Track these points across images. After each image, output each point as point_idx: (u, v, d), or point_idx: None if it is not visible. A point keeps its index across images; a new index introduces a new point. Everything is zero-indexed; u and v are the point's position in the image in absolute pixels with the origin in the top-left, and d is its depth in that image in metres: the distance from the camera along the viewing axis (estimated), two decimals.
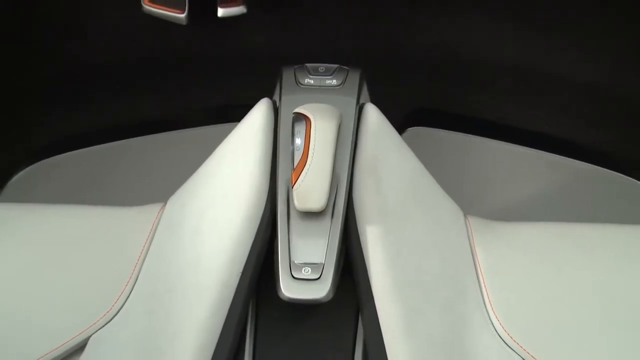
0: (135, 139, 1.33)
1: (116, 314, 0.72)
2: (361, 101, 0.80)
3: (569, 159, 1.28)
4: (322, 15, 1.29)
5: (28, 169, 1.31)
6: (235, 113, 0.87)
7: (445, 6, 1.28)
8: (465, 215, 0.80)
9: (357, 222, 0.71)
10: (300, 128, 0.72)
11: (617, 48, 1.25)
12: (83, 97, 1.35)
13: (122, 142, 1.33)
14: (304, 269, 0.68)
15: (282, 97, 0.80)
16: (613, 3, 1.22)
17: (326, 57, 0.88)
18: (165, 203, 0.80)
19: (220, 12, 1.09)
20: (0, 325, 0.71)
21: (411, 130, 1.30)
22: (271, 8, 1.29)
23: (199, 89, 1.35)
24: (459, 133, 1.31)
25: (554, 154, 1.29)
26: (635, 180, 1.25)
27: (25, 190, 1.29)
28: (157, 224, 0.78)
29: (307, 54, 1.21)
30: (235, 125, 0.80)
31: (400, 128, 1.28)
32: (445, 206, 0.79)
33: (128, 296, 0.73)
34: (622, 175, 1.26)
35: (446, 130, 1.32)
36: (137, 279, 0.74)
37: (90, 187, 1.28)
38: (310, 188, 0.69)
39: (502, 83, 1.31)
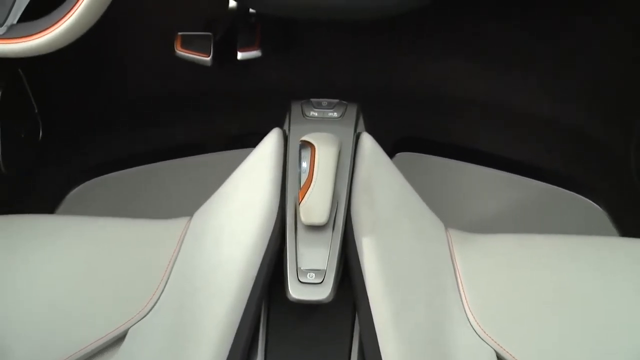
0: (168, 161, 1.33)
1: (151, 310, 0.71)
2: (358, 131, 0.80)
3: (531, 180, 1.28)
4: (324, 58, 1.30)
5: (82, 185, 1.31)
6: (251, 140, 0.87)
7: (428, 50, 1.28)
8: (446, 228, 0.79)
9: (355, 234, 0.71)
10: (306, 154, 0.71)
11: (568, 87, 1.26)
12: (127, 126, 1.36)
13: (157, 164, 1.33)
14: (308, 274, 0.67)
15: (291, 127, 0.79)
16: (565, 51, 1.22)
17: (327, 92, 0.88)
18: (192, 216, 0.80)
19: (240, 55, 1.09)
20: (55, 316, 0.70)
21: (400, 155, 1.30)
22: (282, 52, 1.29)
23: (221, 120, 1.35)
24: (440, 157, 1.31)
25: (518, 175, 1.28)
26: (584, 198, 1.25)
27: (80, 203, 1.29)
28: (185, 234, 0.77)
29: (311, 90, 1.21)
30: (251, 151, 0.79)
31: (391, 153, 1.27)
32: (429, 219, 0.79)
33: (161, 294, 0.72)
34: (573, 193, 1.26)
35: (429, 155, 1.31)
36: (168, 280, 0.73)
37: (131, 201, 1.28)
38: (314, 205, 0.68)
39: (475, 115, 1.31)
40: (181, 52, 1.08)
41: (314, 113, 0.81)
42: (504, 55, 1.27)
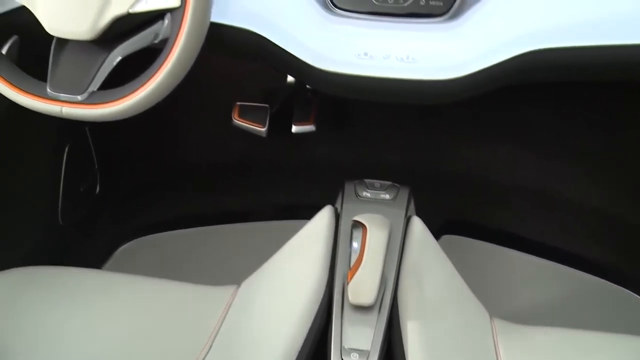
0: (216, 226, 1.35)
1: None
2: (408, 214, 0.81)
3: (577, 271, 1.25)
4: (376, 137, 1.32)
5: (132, 242, 1.34)
6: (300, 212, 0.88)
7: (477, 135, 1.29)
8: (490, 317, 0.78)
9: (400, 317, 0.71)
10: (357, 234, 0.72)
11: (616, 179, 1.25)
12: (180, 189, 1.39)
13: (206, 228, 1.35)
14: (352, 354, 0.67)
15: (343, 206, 0.81)
16: (614, 143, 1.22)
17: (377, 171, 0.89)
18: (239, 285, 0.81)
19: (294, 129, 1.11)
20: None
21: (445, 238, 1.30)
22: (335, 128, 1.32)
23: (271, 189, 1.37)
24: (486, 243, 1.30)
25: (564, 266, 1.26)
26: (631, 292, 1.21)
27: (128, 260, 1.31)
28: (231, 303, 0.78)
29: (360, 167, 1.23)
30: (300, 223, 0.80)
31: (436, 235, 1.27)
32: (474, 308, 0.78)
33: None
34: (622, 288, 1.22)
35: (475, 240, 1.30)
36: (210, 348, 0.73)
37: (178, 262, 1.30)
38: (363, 285, 0.69)
39: (522, 202, 1.31)
40: (238, 122, 1.11)
41: (367, 194, 0.82)
42: (552, 144, 1.27)
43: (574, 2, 0.71)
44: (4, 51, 0.88)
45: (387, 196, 0.82)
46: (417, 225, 0.78)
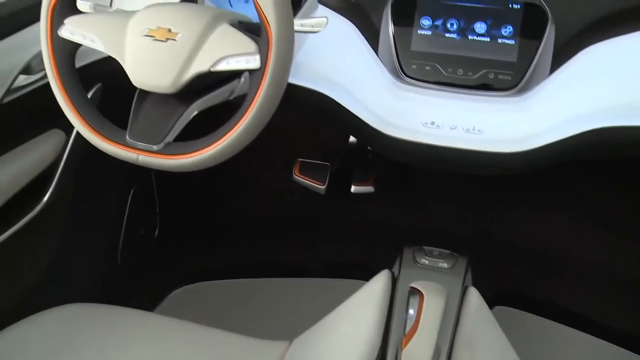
0: (271, 279, 1.36)
1: None
2: (465, 283, 0.80)
3: (637, 356, 1.20)
4: (433, 202, 1.32)
5: (185, 287, 1.36)
6: (354, 271, 0.88)
7: (536, 206, 1.28)
8: None
9: None
10: (414, 301, 0.72)
11: None
12: (236, 239, 1.41)
13: (260, 280, 1.36)
14: None
15: (401, 272, 0.81)
16: None
17: (432, 236, 0.89)
18: (291, 342, 0.81)
19: (353, 189, 1.12)
20: None
21: (499, 309, 1.27)
22: (393, 191, 1.32)
23: (326, 247, 1.37)
24: (541, 318, 1.26)
25: (622, 349, 1.21)
26: None
27: (180, 304, 1.33)
28: (283, 359, 0.78)
29: (416, 231, 1.23)
30: (354, 283, 0.81)
31: (489, 304, 1.25)
32: None
33: None
34: None
35: (530, 314, 1.27)
36: None
37: (228, 311, 1.30)
38: (417, 353, 0.68)
39: (578, 276, 1.27)
40: (298, 177, 1.13)
41: (425, 261, 0.83)
42: (612, 218, 1.24)
43: None
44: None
45: (445, 265, 0.82)
46: (474, 297, 0.77)
